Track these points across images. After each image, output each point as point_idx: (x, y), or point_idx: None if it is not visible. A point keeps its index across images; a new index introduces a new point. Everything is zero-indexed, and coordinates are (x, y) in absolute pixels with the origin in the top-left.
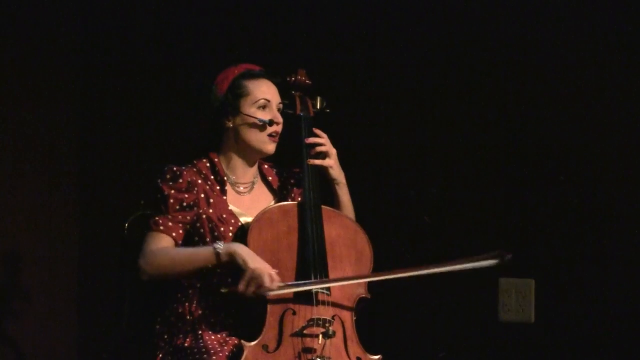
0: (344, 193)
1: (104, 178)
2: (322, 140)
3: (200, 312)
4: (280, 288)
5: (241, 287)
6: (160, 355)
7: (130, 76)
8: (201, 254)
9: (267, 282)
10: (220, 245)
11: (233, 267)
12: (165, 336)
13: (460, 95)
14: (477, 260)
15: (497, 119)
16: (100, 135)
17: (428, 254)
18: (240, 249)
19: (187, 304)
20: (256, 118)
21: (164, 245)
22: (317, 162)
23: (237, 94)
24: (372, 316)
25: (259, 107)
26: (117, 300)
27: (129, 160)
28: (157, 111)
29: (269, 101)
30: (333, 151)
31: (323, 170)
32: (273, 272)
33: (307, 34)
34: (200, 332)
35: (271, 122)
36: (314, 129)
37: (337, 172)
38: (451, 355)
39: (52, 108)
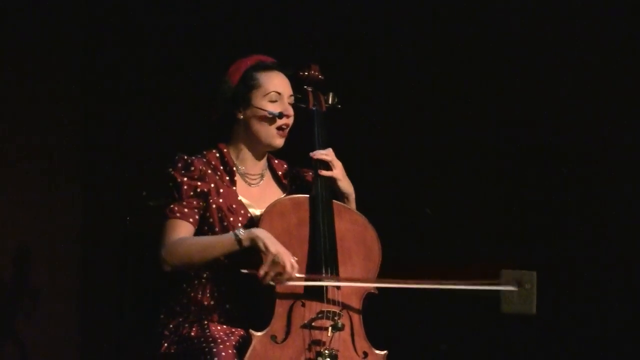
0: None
1: (107, 173)
2: (328, 155)
3: (206, 302)
4: (298, 279)
5: (262, 271)
6: (166, 345)
7: (132, 72)
8: (222, 241)
9: (288, 267)
10: (241, 232)
11: (253, 254)
12: (171, 326)
13: (467, 93)
14: (495, 284)
15: (501, 116)
16: (102, 131)
17: (431, 247)
18: (262, 234)
19: (192, 294)
20: (266, 111)
21: (182, 232)
22: (326, 173)
23: (248, 85)
24: (374, 307)
25: (270, 100)
26: (120, 291)
27: (131, 156)
28: (159, 107)
29: (279, 94)
30: (338, 164)
31: (333, 185)
32: (294, 259)
33: (322, 29)
34: (206, 322)
35: (281, 115)
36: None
37: (345, 185)
38: (453, 346)
39: (55, 105)
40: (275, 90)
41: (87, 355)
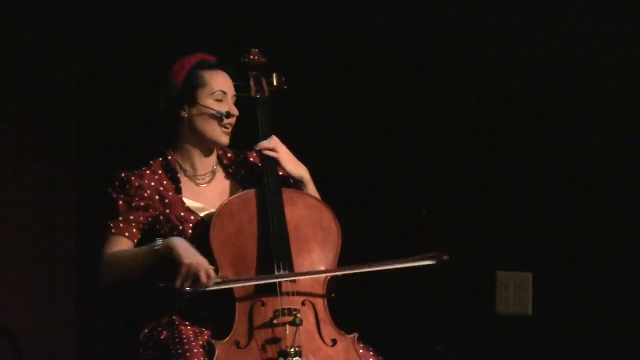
0: (311, 190)
1: (103, 173)
2: (270, 143)
3: (177, 305)
4: (217, 284)
5: (177, 283)
6: (141, 350)
7: (129, 70)
8: (143, 252)
9: (203, 278)
10: (159, 242)
11: (173, 264)
12: (146, 330)
13: (461, 82)
14: (415, 260)
15: (497, 112)
16: (97, 132)
17: (424, 246)
18: (177, 244)
19: (166, 299)
20: (213, 110)
21: (118, 247)
22: (270, 156)
23: (194, 84)
24: (369, 308)
25: (216, 99)
26: (115, 294)
27: (127, 155)
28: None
29: (225, 93)
30: (283, 149)
31: (283, 172)
32: (210, 268)
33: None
34: (177, 323)
35: (228, 115)
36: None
37: (295, 169)
38: (449, 348)
39: (50, 105)
40: (220, 89)
41: (84, 356)
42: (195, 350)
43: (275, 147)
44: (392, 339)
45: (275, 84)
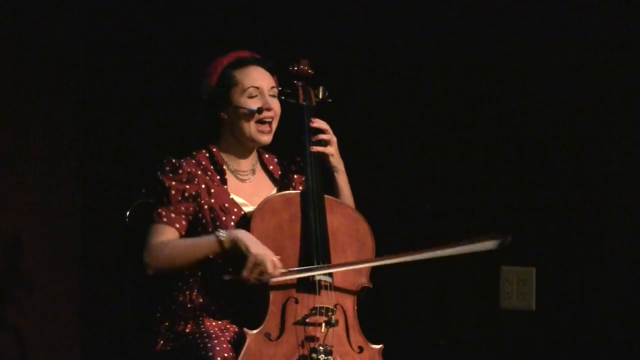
0: (343, 181)
1: (107, 173)
2: (325, 128)
3: (201, 299)
4: (283, 274)
5: (245, 273)
6: (162, 342)
7: (132, 72)
8: (204, 243)
9: (269, 268)
10: (222, 233)
11: (236, 255)
12: (167, 323)
13: (464, 85)
14: (478, 241)
15: (501, 109)
16: (101, 128)
17: (429, 243)
18: (242, 235)
19: (187, 292)
20: (245, 108)
21: (167, 237)
22: (320, 149)
23: (226, 85)
24: (373, 303)
25: (249, 97)
26: (120, 289)
27: (131, 155)
28: (158, 103)
29: (258, 88)
30: (334, 139)
31: (323, 159)
32: (275, 258)
33: (311, 23)
34: (201, 318)
35: (260, 110)
36: (314, 118)
37: (336, 160)
38: (452, 342)
39: (54, 103)
40: (252, 85)
41: (87, 355)
42: (224, 345)
43: (332, 136)
44: (396, 333)
45: (320, 96)
